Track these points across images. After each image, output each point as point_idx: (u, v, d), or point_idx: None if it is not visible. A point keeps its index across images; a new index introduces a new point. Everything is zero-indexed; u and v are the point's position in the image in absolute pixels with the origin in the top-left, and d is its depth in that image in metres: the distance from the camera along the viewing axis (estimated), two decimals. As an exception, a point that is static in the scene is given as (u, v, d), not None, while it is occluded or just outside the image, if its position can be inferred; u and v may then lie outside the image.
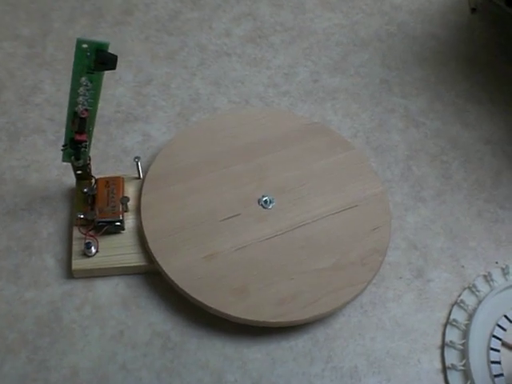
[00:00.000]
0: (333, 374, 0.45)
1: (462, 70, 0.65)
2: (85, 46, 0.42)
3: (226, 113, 0.59)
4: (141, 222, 0.49)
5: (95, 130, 0.48)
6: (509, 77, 0.64)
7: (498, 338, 0.47)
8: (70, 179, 0.52)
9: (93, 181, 0.51)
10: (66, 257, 0.49)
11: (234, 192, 0.51)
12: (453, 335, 0.47)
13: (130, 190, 0.51)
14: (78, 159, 0.48)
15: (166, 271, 0.46)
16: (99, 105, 0.46)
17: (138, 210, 0.50)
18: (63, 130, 0.47)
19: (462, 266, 0.51)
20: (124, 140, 0.57)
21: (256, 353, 0.46)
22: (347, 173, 0.54)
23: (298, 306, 0.46)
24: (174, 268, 0.47)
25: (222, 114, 0.59)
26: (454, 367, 0.45)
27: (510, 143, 0.59)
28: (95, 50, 0.42)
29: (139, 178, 0.52)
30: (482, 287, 0.50)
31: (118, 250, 0.48)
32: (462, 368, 0.45)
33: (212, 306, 0.45)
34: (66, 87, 0.45)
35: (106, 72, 0.44)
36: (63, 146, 0.47)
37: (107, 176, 0.51)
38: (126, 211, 0.50)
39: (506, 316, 0.48)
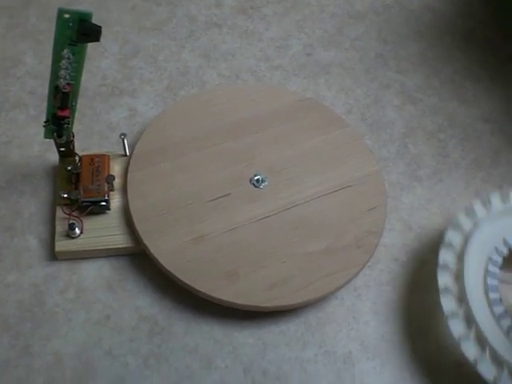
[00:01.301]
0: (326, 358, 0.44)
1: (460, 45, 0.63)
2: (66, 16, 0.40)
3: (215, 87, 0.57)
4: (127, 202, 0.47)
5: (79, 104, 0.46)
6: (508, 54, 0.62)
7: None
8: (53, 156, 0.49)
9: (77, 158, 0.48)
10: (49, 238, 0.47)
11: (225, 171, 0.50)
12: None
13: (115, 168, 0.49)
14: (60, 136, 0.46)
15: (153, 253, 0.45)
16: (83, 78, 0.44)
17: (124, 189, 0.48)
18: (46, 104, 0.45)
19: (459, 248, 0.50)
20: (109, 115, 0.54)
21: (247, 337, 0.44)
22: (341, 151, 0.52)
23: (290, 290, 0.44)
24: (161, 250, 0.45)
25: (211, 89, 0.56)
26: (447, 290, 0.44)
27: (509, 122, 0.57)
28: (78, 21, 0.40)
29: (125, 155, 0.50)
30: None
31: (104, 230, 0.46)
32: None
33: (201, 290, 0.44)
34: (49, 59, 0.42)
35: (90, 44, 0.42)
36: (45, 122, 0.45)
37: (92, 153, 0.49)
38: (111, 190, 0.48)
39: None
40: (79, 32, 0.40)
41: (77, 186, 0.47)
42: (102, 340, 0.43)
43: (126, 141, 0.50)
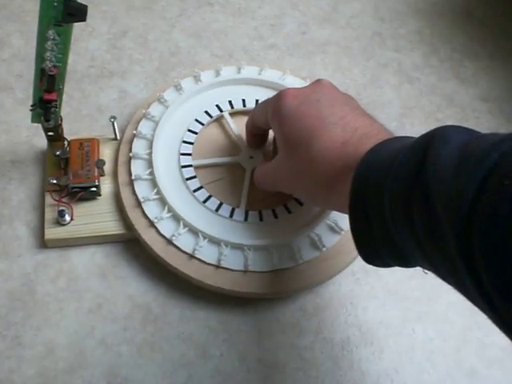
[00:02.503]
0: (323, 345, 0.43)
1: (459, 23, 0.61)
2: (51, -5, 0.38)
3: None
4: (118, 187, 0.46)
5: (67, 86, 0.44)
6: (507, 32, 0.61)
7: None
8: (42, 140, 0.48)
9: (65, 143, 0.47)
10: (39, 225, 0.46)
11: (216, 151, 0.49)
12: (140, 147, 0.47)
13: (105, 153, 0.48)
14: (47, 120, 0.44)
15: (145, 239, 0.44)
16: (71, 59, 0.42)
17: (115, 174, 0.47)
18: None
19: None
20: (99, 97, 0.53)
21: (242, 325, 0.43)
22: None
23: (286, 275, 0.43)
24: (154, 236, 0.44)
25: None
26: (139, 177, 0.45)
27: (508, 101, 0.56)
28: (63, 0, 0.38)
29: (116, 138, 0.49)
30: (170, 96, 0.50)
31: (94, 217, 0.45)
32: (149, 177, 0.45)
33: (195, 277, 0.43)
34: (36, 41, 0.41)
35: (78, 24, 0.40)
36: (32, 106, 0.44)
37: (81, 137, 0.47)
38: (102, 175, 0.46)
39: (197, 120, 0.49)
40: (64, 12, 0.39)
41: (66, 172, 0.45)
42: (94, 329, 0.42)
43: (116, 124, 0.48)
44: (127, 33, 0.57)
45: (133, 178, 0.45)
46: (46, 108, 0.43)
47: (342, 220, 0.45)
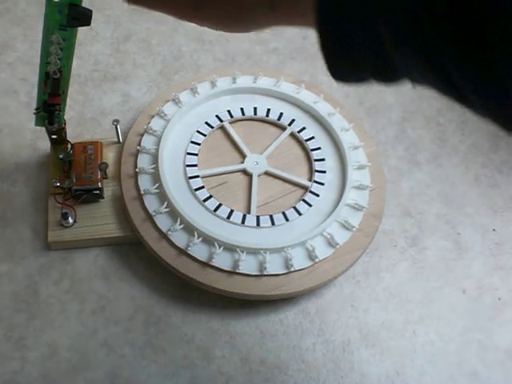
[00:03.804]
0: (325, 347, 0.43)
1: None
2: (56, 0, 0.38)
3: (210, 72, 0.56)
4: (121, 190, 0.46)
5: (71, 90, 0.45)
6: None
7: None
8: (45, 143, 0.48)
9: (69, 146, 0.47)
10: (43, 228, 0.46)
11: (221, 159, 0.49)
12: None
13: (109, 156, 0.48)
14: (51, 123, 0.45)
15: (148, 242, 0.44)
16: (74, 63, 0.43)
17: (117, 177, 0.47)
18: (37, 90, 0.43)
19: (458, 233, 0.49)
20: (102, 101, 0.53)
21: (244, 326, 0.44)
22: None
23: (289, 277, 0.44)
24: (157, 239, 0.44)
25: (206, 74, 0.55)
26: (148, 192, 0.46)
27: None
28: (67, 5, 0.39)
29: (119, 142, 0.49)
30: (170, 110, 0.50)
31: (98, 219, 0.46)
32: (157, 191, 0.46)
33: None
34: (40, 45, 0.41)
35: (81, 28, 0.40)
36: (36, 109, 0.44)
37: (84, 140, 0.48)
38: (105, 178, 0.47)
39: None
40: (69, 16, 0.39)
41: (69, 175, 0.46)
42: (97, 331, 0.43)
43: (119, 127, 0.48)
44: (130, 37, 0.58)
45: (142, 192, 0.45)
46: (50, 111, 0.44)
47: (353, 218, 0.46)
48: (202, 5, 0.31)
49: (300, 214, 0.46)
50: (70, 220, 0.45)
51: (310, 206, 0.47)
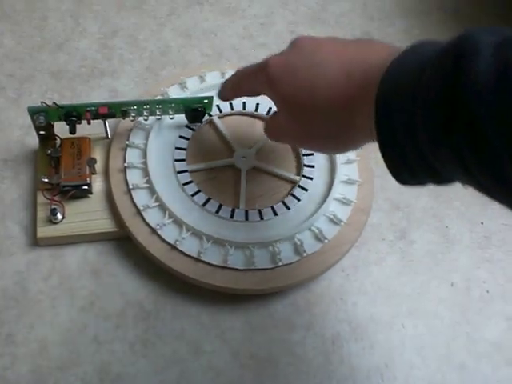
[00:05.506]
0: (314, 340, 0.44)
1: (447, 21, 0.62)
2: None
3: (198, 66, 0.56)
4: (110, 185, 0.46)
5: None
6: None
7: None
8: (34, 139, 0.48)
9: (57, 141, 0.47)
10: (31, 224, 0.46)
11: (209, 154, 0.49)
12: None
13: (97, 151, 0.48)
14: (73, 133, 0.45)
15: (137, 237, 0.44)
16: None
17: (106, 173, 0.47)
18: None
19: (446, 227, 0.49)
20: (90, 97, 0.53)
21: (234, 321, 0.44)
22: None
23: (277, 271, 0.44)
24: (146, 233, 0.44)
25: (194, 68, 0.55)
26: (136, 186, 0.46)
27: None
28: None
29: (107, 137, 0.49)
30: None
31: (86, 215, 0.45)
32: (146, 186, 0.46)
33: (187, 274, 0.43)
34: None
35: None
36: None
37: (72, 136, 0.47)
38: (93, 174, 0.47)
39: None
40: (188, 116, 0.47)
41: (57, 170, 0.46)
42: (87, 327, 0.42)
43: (107, 123, 0.48)
44: (117, 32, 0.57)
45: (130, 187, 0.45)
46: (71, 122, 0.45)
47: (341, 212, 0.46)
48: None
49: (288, 208, 0.46)
50: (59, 216, 0.45)
51: (299, 200, 0.47)
